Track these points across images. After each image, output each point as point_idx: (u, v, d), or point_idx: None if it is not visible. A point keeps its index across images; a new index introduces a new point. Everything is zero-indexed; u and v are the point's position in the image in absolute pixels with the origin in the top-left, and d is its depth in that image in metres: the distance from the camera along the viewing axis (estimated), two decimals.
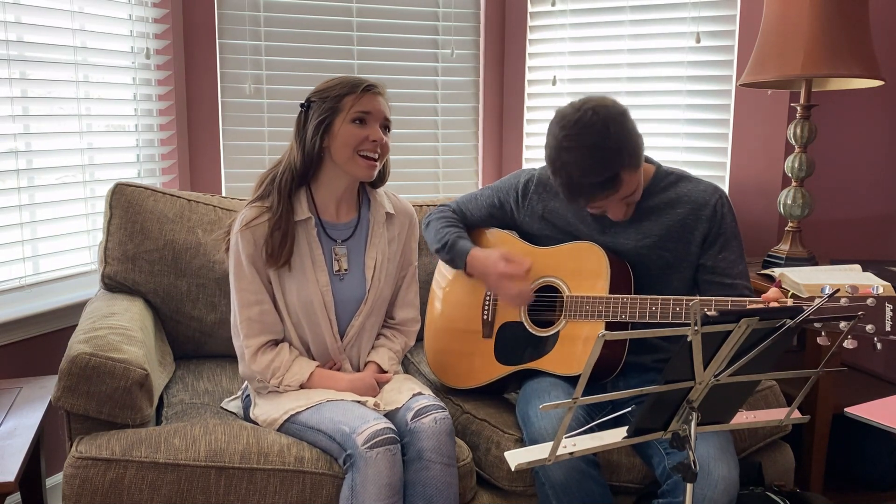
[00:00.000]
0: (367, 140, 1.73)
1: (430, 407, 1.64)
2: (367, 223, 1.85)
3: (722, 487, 1.51)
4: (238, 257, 1.75)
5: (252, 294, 1.75)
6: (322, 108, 1.73)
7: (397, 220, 1.89)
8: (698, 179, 1.82)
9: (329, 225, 1.81)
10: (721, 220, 1.76)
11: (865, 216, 2.70)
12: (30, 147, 2.24)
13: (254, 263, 1.74)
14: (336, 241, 1.81)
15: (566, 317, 1.77)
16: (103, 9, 2.39)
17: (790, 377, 1.29)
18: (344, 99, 1.72)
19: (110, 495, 1.53)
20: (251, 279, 1.75)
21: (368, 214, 1.86)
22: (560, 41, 2.90)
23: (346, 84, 1.74)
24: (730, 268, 1.75)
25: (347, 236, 1.82)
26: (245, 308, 1.75)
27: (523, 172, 1.95)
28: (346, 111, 1.72)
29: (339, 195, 1.81)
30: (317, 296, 1.76)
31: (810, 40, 2.15)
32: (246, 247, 1.73)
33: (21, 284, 2.21)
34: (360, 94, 1.72)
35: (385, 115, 1.77)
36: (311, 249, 1.77)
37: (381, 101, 1.76)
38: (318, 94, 1.76)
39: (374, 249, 1.83)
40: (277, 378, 1.74)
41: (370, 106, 1.73)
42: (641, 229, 1.78)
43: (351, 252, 1.82)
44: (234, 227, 1.77)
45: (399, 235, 1.89)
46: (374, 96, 1.74)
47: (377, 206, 1.86)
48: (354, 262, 1.82)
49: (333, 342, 1.80)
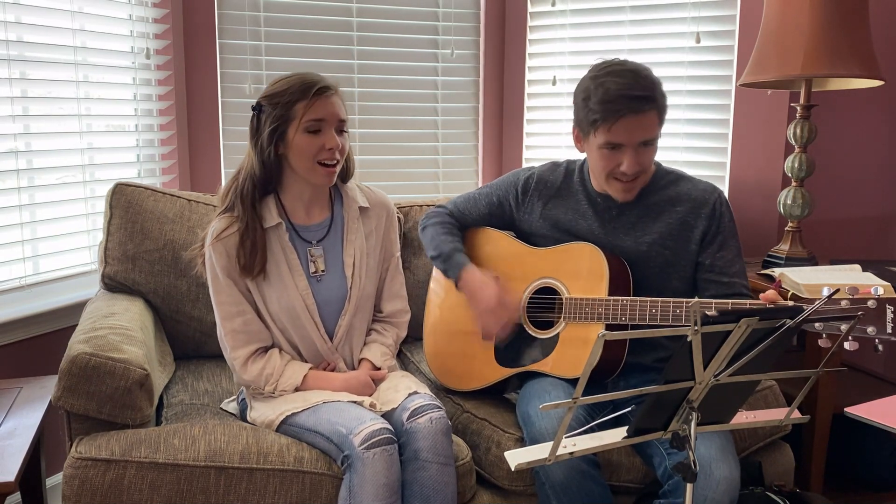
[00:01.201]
0: (324, 149, 1.69)
1: (426, 406, 1.63)
2: (342, 220, 1.82)
3: (723, 488, 1.50)
4: (214, 270, 1.73)
5: (232, 306, 1.74)
6: (274, 115, 1.68)
7: (373, 212, 1.86)
8: (697, 179, 1.83)
9: (301, 227, 1.79)
10: (720, 219, 1.76)
11: (865, 216, 2.70)
12: (30, 147, 2.24)
13: (229, 275, 1.72)
14: (311, 243, 1.79)
15: (565, 319, 1.77)
16: (103, 9, 2.39)
17: (790, 377, 1.29)
18: (295, 106, 1.67)
19: (110, 495, 1.53)
20: (229, 291, 1.73)
21: (342, 211, 1.83)
22: (560, 41, 2.90)
23: (295, 89, 1.67)
24: (727, 266, 1.75)
25: (322, 236, 1.80)
26: (227, 320, 1.74)
27: (523, 171, 1.95)
28: (298, 119, 1.67)
29: (307, 198, 1.78)
30: (298, 301, 1.75)
31: (810, 40, 2.15)
32: (219, 259, 1.72)
33: (21, 284, 2.21)
34: (312, 100, 1.66)
35: (339, 117, 1.70)
36: (286, 255, 1.75)
37: (333, 102, 1.70)
38: (268, 99, 1.70)
39: (351, 246, 1.81)
40: (271, 385, 1.73)
41: (323, 112, 1.68)
42: (641, 227, 1.78)
43: (328, 252, 1.80)
44: (206, 240, 1.75)
45: (377, 228, 1.86)
46: (327, 99, 1.68)
47: (350, 201, 1.83)
48: (332, 262, 1.80)
49: (323, 344, 1.79)
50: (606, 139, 1.67)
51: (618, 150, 1.68)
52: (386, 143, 2.92)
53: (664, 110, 1.70)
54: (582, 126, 1.73)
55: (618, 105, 1.63)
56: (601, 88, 1.66)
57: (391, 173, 2.94)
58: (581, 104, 1.72)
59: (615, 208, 1.81)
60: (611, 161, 1.70)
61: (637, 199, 1.79)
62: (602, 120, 1.65)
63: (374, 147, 2.90)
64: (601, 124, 1.66)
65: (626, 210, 1.80)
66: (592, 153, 1.74)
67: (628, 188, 1.73)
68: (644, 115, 1.64)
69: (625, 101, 1.63)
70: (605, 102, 1.64)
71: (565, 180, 1.88)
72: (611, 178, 1.73)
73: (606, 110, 1.64)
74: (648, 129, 1.67)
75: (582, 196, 1.85)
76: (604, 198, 1.82)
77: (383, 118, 2.89)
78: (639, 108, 1.63)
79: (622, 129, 1.65)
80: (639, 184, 1.75)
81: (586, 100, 1.69)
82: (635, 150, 1.67)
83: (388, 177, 2.92)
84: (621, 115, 1.63)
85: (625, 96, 1.63)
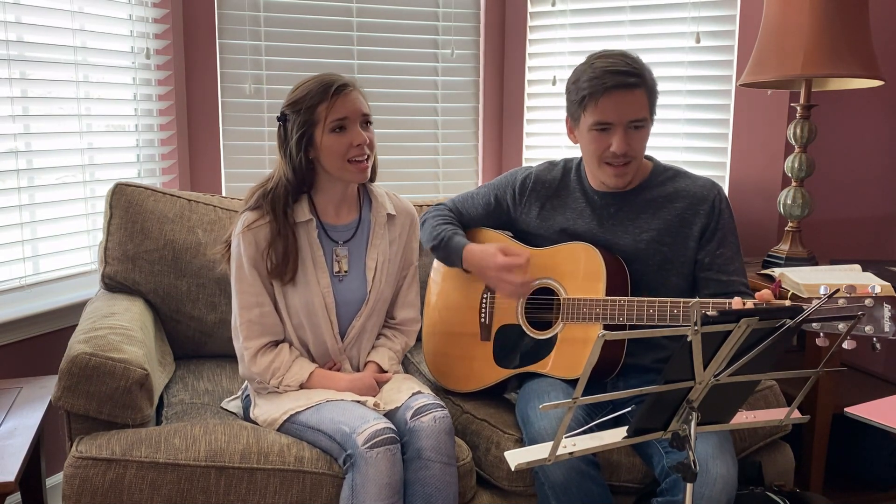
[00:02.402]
0: (352, 146, 1.71)
1: (430, 406, 1.64)
2: (369, 224, 1.84)
3: (720, 486, 1.50)
4: (240, 259, 1.74)
5: (253, 296, 1.75)
6: (298, 122, 1.70)
7: (398, 220, 1.88)
8: (696, 175, 1.83)
9: (329, 227, 1.81)
10: (719, 216, 1.77)
11: (865, 216, 2.70)
12: (30, 147, 2.24)
13: (255, 265, 1.74)
14: (337, 243, 1.81)
15: (563, 319, 1.77)
16: (103, 9, 2.39)
17: (790, 377, 1.29)
18: (317, 109, 1.69)
19: (110, 495, 1.53)
20: (252, 281, 1.74)
21: (370, 215, 1.85)
22: (560, 41, 2.90)
23: (315, 92, 1.69)
24: (727, 264, 1.75)
25: (348, 237, 1.82)
26: (245, 310, 1.75)
27: (521, 170, 1.95)
28: (322, 122, 1.69)
29: (339, 199, 1.81)
30: (318, 297, 1.76)
31: (810, 40, 2.15)
32: (247, 248, 1.73)
33: (21, 284, 2.21)
34: (332, 100, 1.68)
35: (362, 112, 1.73)
36: (313, 251, 1.77)
37: (354, 98, 1.72)
38: (290, 107, 1.72)
39: (374, 251, 1.83)
40: (277, 378, 1.74)
41: (345, 110, 1.70)
42: (639, 224, 1.78)
43: (352, 253, 1.82)
44: (234, 230, 1.77)
45: (400, 236, 1.88)
46: (347, 96, 1.70)
47: (378, 206, 1.86)
48: (355, 264, 1.82)
49: (334, 343, 1.80)
50: (595, 118, 1.69)
51: (607, 131, 1.70)
52: (386, 143, 2.92)
53: (653, 94, 1.73)
54: (572, 111, 1.76)
55: (604, 79, 1.67)
56: (590, 69, 1.70)
57: (391, 173, 2.93)
58: (571, 87, 1.75)
59: (613, 205, 1.81)
60: (601, 143, 1.71)
61: (635, 194, 1.79)
62: (590, 95, 1.68)
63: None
64: (589, 100, 1.69)
65: (623, 206, 1.80)
66: (584, 139, 1.76)
67: (620, 173, 1.74)
68: (631, 91, 1.67)
69: (611, 75, 1.66)
70: (592, 79, 1.68)
71: (563, 179, 1.88)
72: (602, 163, 1.74)
73: (594, 85, 1.68)
74: (636, 108, 1.69)
75: (579, 194, 1.85)
76: (601, 195, 1.82)
77: (383, 118, 2.89)
78: (625, 81, 1.66)
79: (610, 105, 1.67)
80: (631, 169, 1.75)
81: (576, 82, 1.73)
82: (625, 130, 1.69)
83: (388, 177, 2.90)
84: (607, 88, 1.66)
85: (611, 71, 1.67)
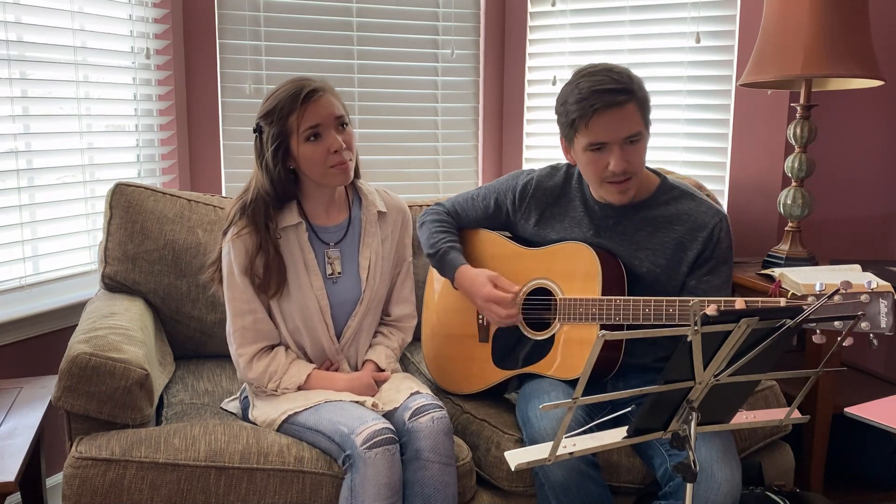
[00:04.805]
0: (330, 152, 1.68)
1: (428, 406, 1.63)
2: (359, 223, 1.83)
3: (725, 490, 1.50)
4: (230, 267, 1.73)
5: (245, 303, 1.74)
6: (273, 134, 1.67)
7: (390, 217, 1.87)
8: (702, 199, 1.77)
9: (320, 228, 1.79)
10: (716, 245, 1.73)
11: (865, 216, 2.70)
12: (30, 147, 2.24)
13: (245, 273, 1.72)
14: (328, 245, 1.80)
15: (560, 320, 1.77)
16: (103, 9, 2.39)
17: (790, 377, 1.29)
18: (289, 119, 1.66)
19: (110, 495, 1.53)
20: (243, 288, 1.73)
21: (360, 214, 1.83)
22: (560, 41, 2.90)
23: (284, 101, 1.66)
24: (711, 291, 1.71)
25: (339, 238, 1.81)
26: (238, 317, 1.74)
27: (522, 174, 1.94)
28: (296, 132, 1.67)
29: (327, 201, 1.80)
30: (312, 301, 1.75)
31: (810, 40, 2.15)
32: (237, 256, 1.72)
33: (21, 284, 2.21)
34: (303, 108, 1.65)
35: (335, 115, 1.69)
36: (304, 255, 1.76)
37: (325, 102, 1.68)
38: (263, 119, 1.70)
39: (367, 249, 1.82)
40: (274, 382, 1.74)
41: (317, 116, 1.67)
42: (636, 241, 1.76)
43: (344, 254, 1.81)
44: (223, 245, 1.75)
45: (392, 233, 1.87)
46: (317, 102, 1.66)
47: (368, 204, 1.84)
48: (348, 264, 1.81)
49: (331, 344, 1.80)
50: (588, 140, 1.66)
51: (603, 150, 1.66)
52: (386, 143, 2.92)
53: (645, 105, 1.68)
54: (565, 132, 1.72)
55: (592, 100, 1.63)
56: (576, 90, 1.66)
57: (391, 173, 2.94)
58: (560, 110, 1.72)
59: (612, 217, 1.79)
60: (599, 163, 1.67)
61: (636, 210, 1.77)
62: (579, 117, 1.64)
63: (374, 147, 2.89)
64: (579, 122, 1.65)
65: (622, 220, 1.78)
66: (581, 160, 1.73)
67: (623, 189, 1.70)
68: (621, 108, 1.63)
69: (598, 94, 1.62)
70: (580, 101, 1.64)
71: (564, 186, 1.86)
72: (604, 182, 1.70)
73: (582, 108, 1.64)
74: (629, 124, 1.64)
75: (579, 202, 1.83)
76: (601, 206, 1.79)
77: (383, 118, 2.89)
78: (613, 100, 1.62)
79: (601, 125, 1.64)
80: (633, 184, 1.71)
81: (563, 104, 1.69)
82: (621, 147, 1.65)
83: (388, 177, 2.92)
84: (596, 109, 1.62)
85: (597, 90, 1.63)
